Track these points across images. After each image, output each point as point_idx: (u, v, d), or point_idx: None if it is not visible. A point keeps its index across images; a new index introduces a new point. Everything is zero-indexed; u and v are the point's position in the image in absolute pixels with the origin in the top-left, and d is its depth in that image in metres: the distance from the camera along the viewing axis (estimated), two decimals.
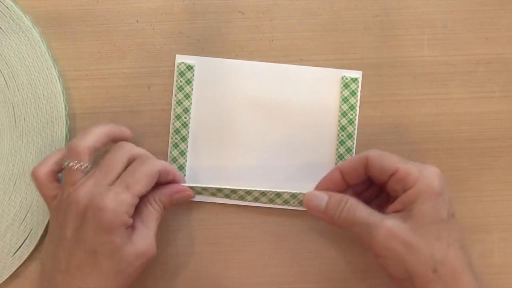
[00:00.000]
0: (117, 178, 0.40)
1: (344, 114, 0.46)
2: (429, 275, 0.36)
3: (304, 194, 0.42)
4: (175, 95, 0.46)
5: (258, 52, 0.47)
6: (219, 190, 0.44)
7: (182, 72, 0.46)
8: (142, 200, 0.41)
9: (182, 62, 0.46)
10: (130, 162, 0.41)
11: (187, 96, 0.47)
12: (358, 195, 0.43)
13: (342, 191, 0.42)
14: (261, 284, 0.47)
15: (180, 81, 0.46)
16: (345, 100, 0.46)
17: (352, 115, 0.46)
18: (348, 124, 0.46)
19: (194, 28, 0.47)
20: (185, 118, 0.46)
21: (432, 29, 0.47)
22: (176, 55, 0.47)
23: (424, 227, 0.37)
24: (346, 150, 0.46)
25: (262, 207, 0.46)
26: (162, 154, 0.46)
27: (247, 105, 0.47)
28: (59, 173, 0.43)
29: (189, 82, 0.47)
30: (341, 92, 0.46)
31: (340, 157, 0.46)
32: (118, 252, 0.39)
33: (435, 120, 0.46)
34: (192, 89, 0.47)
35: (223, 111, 0.47)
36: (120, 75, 0.47)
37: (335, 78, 0.46)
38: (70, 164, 0.40)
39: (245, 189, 0.44)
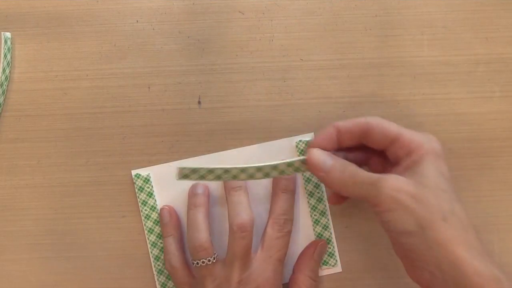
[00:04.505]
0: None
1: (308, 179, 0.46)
2: (440, 224, 0.36)
3: (301, 160, 0.41)
4: (141, 210, 0.46)
5: (258, 52, 0.47)
6: (211, 171, 0.40)
7: (141, 187, 0.46)
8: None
9: (138, 174, 0.46)
10: None
11: (153, 209, 0.46)
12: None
13: (333, 151, 0.41)
14: None
15: (142, 196, 0.46)
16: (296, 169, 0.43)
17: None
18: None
19: (194, 28, 0.47)
20: (158, 230, 0.46)
21: (432, 29, 0.47)
22: (132, 171, 0.46)
23: (430, 182, 0.37)
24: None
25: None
26: (161, 155, 0.46)
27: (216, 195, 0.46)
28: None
29: (150, 194, 0.46)
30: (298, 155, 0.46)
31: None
32: None
33: (435, 120, 0.46)
34: (155, 201, 0.46)
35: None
36: (120, 75, 0.47)
37: (290, 146, 0.46)
38: (201, 262, 0.42)
39: (239, 167, 0.40)
